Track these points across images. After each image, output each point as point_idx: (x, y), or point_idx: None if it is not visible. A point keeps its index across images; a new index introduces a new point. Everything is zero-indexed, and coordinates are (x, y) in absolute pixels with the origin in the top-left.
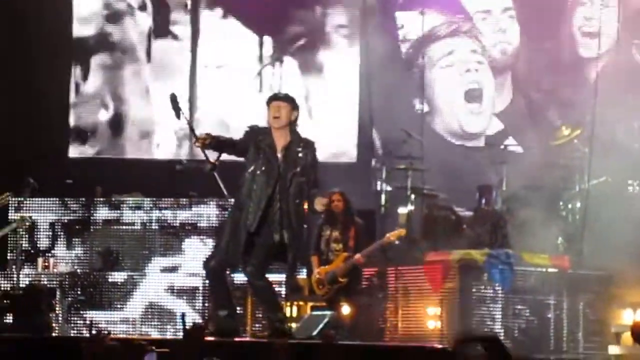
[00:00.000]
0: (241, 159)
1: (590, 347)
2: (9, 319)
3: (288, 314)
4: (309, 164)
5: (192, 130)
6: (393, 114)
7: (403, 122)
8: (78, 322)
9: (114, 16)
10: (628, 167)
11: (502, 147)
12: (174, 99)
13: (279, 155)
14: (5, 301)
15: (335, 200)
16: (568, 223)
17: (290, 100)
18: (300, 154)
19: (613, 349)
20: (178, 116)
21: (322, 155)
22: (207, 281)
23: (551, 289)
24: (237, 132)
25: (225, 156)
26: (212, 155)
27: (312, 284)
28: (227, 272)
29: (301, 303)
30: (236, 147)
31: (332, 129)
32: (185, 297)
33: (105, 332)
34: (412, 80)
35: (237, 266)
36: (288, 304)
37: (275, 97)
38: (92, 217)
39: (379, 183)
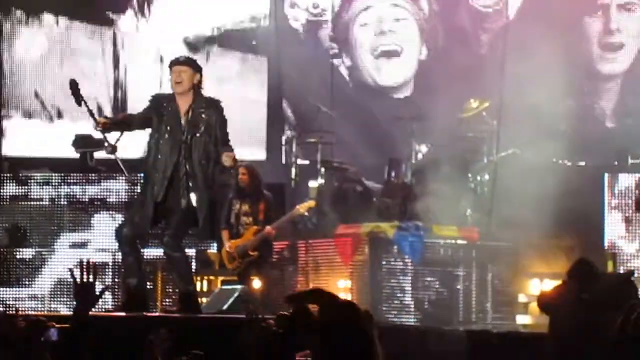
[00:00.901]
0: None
1: (499, 318)
2: None
3: (198, 288)
4: (214, 122)
5: (91, 115)
6: (307, 85)
7: (317, 92)
8: None
9: None
10: (539, 140)
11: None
12: (74, 86)
13: (182, 119)
14: None
15: (240, 174)
16: (477, 195)
17: (191, 64)
18: (203, 115)
19: (521, 319)
20: (79, 103)
21: (232, 128)
22: (119, 252)
23: (460, 260)
24: None
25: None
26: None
27: (223, 258)
28: (138, 243)
29: (212, 277)
30: (137, 122)
31: (242, 105)
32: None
33: (13, 309)
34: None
35: (145, 237)
36: (198, 278)
37: (176, 62)
38: None
39: (288, 156)
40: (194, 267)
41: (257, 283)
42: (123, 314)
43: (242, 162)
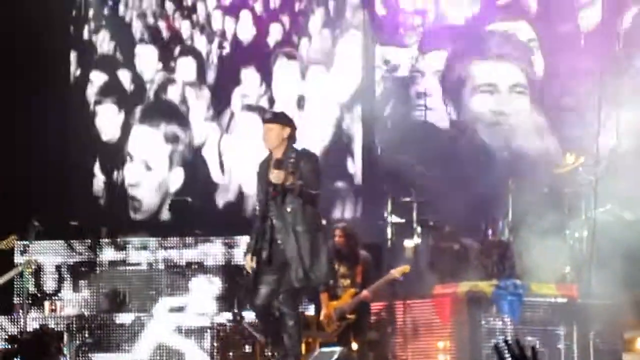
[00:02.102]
0: None
1: None
2: None
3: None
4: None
5: None
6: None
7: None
8: None
9: None
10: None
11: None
12: None
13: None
14: (13, 346)
15: (337, 236)
16: (575, 252)
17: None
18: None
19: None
20: None
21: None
22: (216, 316)
23: (560, 319)
24: None
25: None
26: None
27: (321, 321)
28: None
29: (310, 340)
30: None
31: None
32: (193, 337)
33: None
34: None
35: None
36: None
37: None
38: (97, 259)
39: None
40: None
41: (355, 345)
42: None
43: (338, 223)
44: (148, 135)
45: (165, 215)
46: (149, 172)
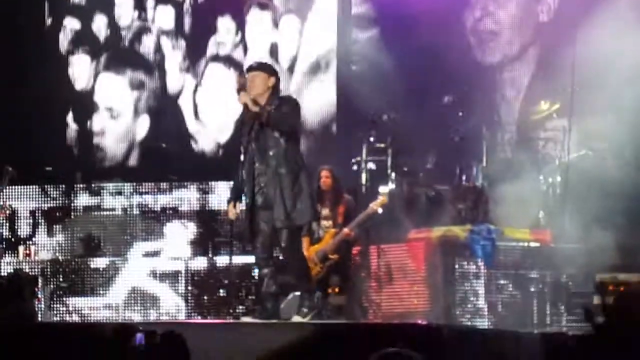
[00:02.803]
0: None
1: (574, 320)
2: None
3: None
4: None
5: None
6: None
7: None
8: (61, 309)
9: None
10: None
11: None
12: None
13: None
14: None
15: (323, 177)
16: (549, 197)
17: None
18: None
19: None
20: None
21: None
22: (190, 260)
23: (533, 263)
24: None
25: None
26: None
27: None
28: None
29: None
30: None
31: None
32: (167, 281)
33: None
34: None
35: None
36: None
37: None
38: (72, 204)
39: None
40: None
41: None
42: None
43: (324, 165)
44: (113, 83)
45: (133, 162)
46: (113, 120)
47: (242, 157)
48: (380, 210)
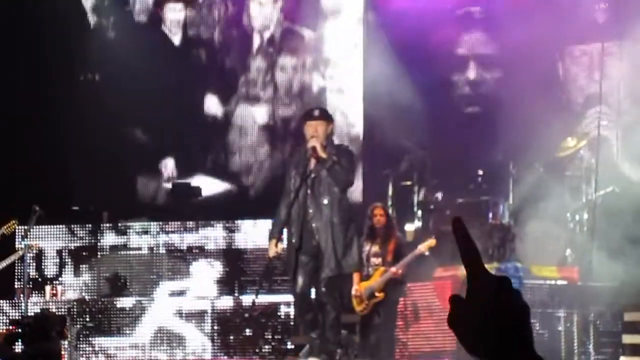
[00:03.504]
0: None
1: None
2: (19, 347)
3: None
4: None
5: None
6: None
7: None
8: (87, 349)
9: None
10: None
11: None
12: None
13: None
14: (15, 329)
15: (377, 215)
16: (576, 235)
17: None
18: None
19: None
20: None
21: None
22: (217, 300)
23: (561, 301)
24: None
25: None
26: None
27: (351, 300)
28: None
29: None
30: None
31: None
32: (194, 321)
33: None
34: None
35: None
36: None
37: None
38: (99, 243)
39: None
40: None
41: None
42: None
43: (375, 203)
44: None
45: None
46: None
47: (291, 196)
48: (427, 253)
